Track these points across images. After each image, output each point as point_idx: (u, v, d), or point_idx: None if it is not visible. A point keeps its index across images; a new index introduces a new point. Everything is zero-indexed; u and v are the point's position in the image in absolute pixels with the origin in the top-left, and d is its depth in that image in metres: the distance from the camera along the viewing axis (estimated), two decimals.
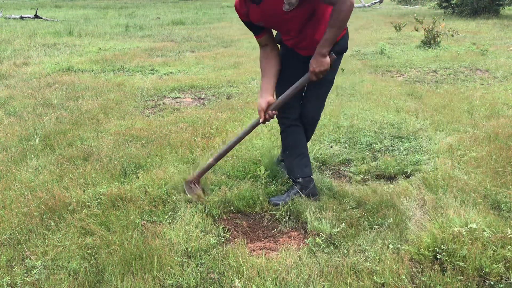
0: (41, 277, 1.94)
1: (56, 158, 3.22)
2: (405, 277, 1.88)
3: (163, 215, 2.42)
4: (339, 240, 2.17)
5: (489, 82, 5.53)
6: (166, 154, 3.25)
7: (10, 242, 2.21)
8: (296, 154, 2.66)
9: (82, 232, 2.28)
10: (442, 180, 2.76)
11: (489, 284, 1.85)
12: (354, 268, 1.96)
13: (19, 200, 2.57)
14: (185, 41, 10.06)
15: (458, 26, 11.11)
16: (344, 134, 3.71)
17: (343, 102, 4.68)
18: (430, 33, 8.31)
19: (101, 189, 2.71)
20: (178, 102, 4.99)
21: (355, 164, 3.15)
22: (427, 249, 2.02)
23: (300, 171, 2.64)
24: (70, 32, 10.88)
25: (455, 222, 2.17)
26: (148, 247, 2.09)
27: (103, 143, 3.50)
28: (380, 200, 2.52)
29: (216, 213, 2.47)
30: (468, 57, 7.19)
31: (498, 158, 3.04)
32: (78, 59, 7.45)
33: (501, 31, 10.60)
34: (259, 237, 2.32)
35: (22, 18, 14.41)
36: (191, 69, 6.85)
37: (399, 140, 3.57)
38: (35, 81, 5.78)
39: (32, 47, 8.67)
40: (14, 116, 4.28)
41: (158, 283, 1.90)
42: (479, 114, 4.12)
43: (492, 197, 2.54)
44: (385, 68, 6.58)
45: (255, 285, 1.86)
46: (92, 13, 17.26)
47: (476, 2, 14.41)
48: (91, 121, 4.14)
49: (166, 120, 4.15)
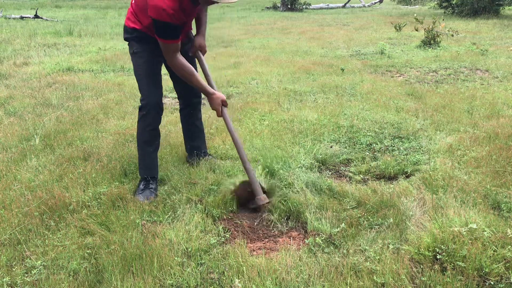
0: (41, 277, 1.94)
1: (56, 158, 3.22)
2: (405, 277, 1.88)
3: (163, 215, 2.42)
4: (339, 240, 2.17)
5: (489, 82, 5.53)
6: (166, 154, 3.25)
7: (10, 242, 2.21)
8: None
9: (82, 232, 2.28)
10: (442, 180, 2.76)
11: (489, 284, 1.85)
12: (354, 268, 1.96)
13: (19, 200, 2.57)
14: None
15: (458, 26, 11.11)
16: (344, 134, 3.71)
17: (343, 102, 4.68)
18: (430, 33, 8.30)
19: (101, 189, 2.71)
20: (178, 102, 4.98)
21: (355, 164, 3.15)
22: (427, 249, 2.02)
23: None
24: (70, 32, 10.88)
25: (455, 222, 2.17)
26: (148, 247, 2.09)
27: (103, 143, 3.50)
28: (380, 200, 2.52)
29: (216, 213, 2.47)
30: (468, 57, 7.18)
31: (498, 158, 3.04)
32: (78, 59, 7.45)
33: (501, 31, 10.60)
34: (259, 237, 2.32)
35: (22, 18, 14.40)
36: None
37: (399, 140, 3.57)
38: (35, 81, 5.78)
39: (32, 47, 8.67)
40: (14, 116, 4.28)
41: (158, 283, 1.90)
42: (479, 114, 4.12)
43: (492, 197, 2.54)
44: (385, 68, 6.58)
45: (255, 285, 1.86)
46: (92, 13, 17.26)
47: (476, 2, 14.40)
48: (91, 121, 4.14)
49: (166, 120, 4.15)
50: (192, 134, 3.11)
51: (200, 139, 3.13)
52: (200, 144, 3.12)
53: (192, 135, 3.11)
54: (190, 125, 3.09)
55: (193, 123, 3.09)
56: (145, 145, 2.75)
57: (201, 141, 3.14)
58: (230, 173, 2.91)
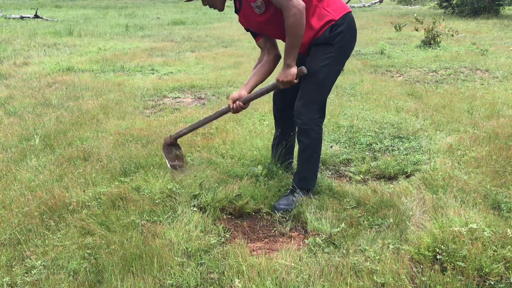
0: (41, 277, 1.94)
1: (56, 158, 3.22)
2: (405, 277, 1.88)
3: (163, 215, 2.42)
4: (339, 240, 2.17)
5: (489, 82, 5.53)
6: None
7: (10, 242, 2.21)
8: (318, 160, 2.64)
9: (82, 232, 2.28)
10: (442, 180, 2.76)
11: (489, 284, 1.85)
12: (354, 268, 1.96)
13: (19, 200, 2.57)
14: (185, 41, 10.06)
15: (458, 26, 11.11)
16: (344, 134, 3.71)
17: (343, 102, 4.68)
18: (430, 33, 8.30)
19: (101, 189, 2.71)
20: (178, 102, 4.99)
21: (355, 164, 3.15)
22: (427, 249, 2.02)
23: (313, 183, 2.65)
24: (70, 32, 10.88)
25: (455, 222, 2.17)
26: (148, 247, 2.09)
27: (103, 143, 3.50)
28: (380, 200, 2.52)
29: (216, 213, 2.47)
30: (468, 57, 7.18)
31: (498, 158, 3.04)
32: (78, 59, 7.45)
33: (501, 31, 10.60)
34: (259, 237, 2.33)
35: (22, 18, 14.40)
36: (191, 69, 6.85)
37: (399, 140, 3.57)
38: (35, 81, 5.78)
39: (32, 47, 8.66)
40: (14, 116, 4.28)
41: (158, 283, 1.90)
42: (479, 114, 4.12)
43: (492, 197, 2.54)
44: (385, 68, 6.58)
45: (255, 285, 1.86)
46: (92, 13, 17.26)
47: (476, 2, 14.40)
48: (91, 121, 4.14)
49: (166, 120, 4.15)
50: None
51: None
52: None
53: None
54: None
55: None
56: (320, 152, 2.65)
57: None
58: (231, 173, 2.91)
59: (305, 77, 2.47)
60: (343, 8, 2.43)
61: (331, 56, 2.43)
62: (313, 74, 2.45)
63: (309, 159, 2.56)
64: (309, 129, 2.50)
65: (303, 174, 2.60)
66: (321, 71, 2.44)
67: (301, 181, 2.59)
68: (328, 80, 2.51)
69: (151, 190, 2.67)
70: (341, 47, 2.44)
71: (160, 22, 14.18)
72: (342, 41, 2.42)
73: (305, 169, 2.59)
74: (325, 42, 2.41)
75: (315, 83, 2.47)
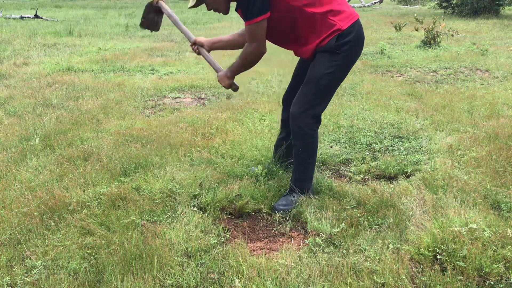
0: (41, 277, 1.94)
1: (56, 158, 3.22)
2: (405, 277, 1.88)
3: (163, 215, 2.42)
4: (339, 240, 2.17)
5: (489, 82, 5.53)
6: (166, 154, 3.25)
7: (10, 242, 2.21)
8: (313, 163, 2.62)
9: (82, 232, 2.28)
10: (442, 180, 2.76)
11: (489, 284, 1.85)
12: (354, 268, 1.96)
13: (19, 200, 2.57)
14: (185, 41, 10.06)
15: (458, 26, 11.10)
16: (344, 134, 3.71)
17: (343, 102, 4.68)
18: (430, 33, 8.30)
19: (101, 189, 2.71)
20: (178, 102, 4.99)
21: (355, 164, 3.15)
22: (427, 249, 2.02)
23: (310, 183, 2.63)
24: (70, 32, 10.87)
25: (455, 222, 2.17)
26: (148, 247, 2.10)
27: (103, 143, 3.50)
28: (380, 200, 2.52)
29: (216, 213, 2.47)
30: (468, 57, 7.18)
31: (498, 158, 3.04)
32: (78, 59, 7.45)
33: (501, 31, 10.60)
34: (259, 237, 2.33)
35: (22, 18, 14.40)
36: (191, 69, 6.84)
37: (399, 140, 3.57)
38: (35, 81, 5.78)
39: (32, 47, 8.66)
40: (14, 116, 4.28)
41: (158, 283, 1.90)
42: (479, 114, 4.12)
43: (492, 197, 2.54)
44: (385, 68, 6.58)
45: (255, 285, 1.86)
46: (92, 13, 17.26)
47: (476, 2, 14.39)
48: (91, 121, 4.14)
49: (166, 120, 4.15)
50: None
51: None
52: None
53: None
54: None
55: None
56: (315, 155, 2.64)
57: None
58: (231, 173, 2.91)
59: (306, 82, 2.47)
60: (351, 17, 2.40)
61: (336, 64, 2.41)
62: (315, 80, 2.44)
63: (304, 162, 2.56)
64: (304, 134, 2.48)
65: (298, 175, 2.60)
66: (324, 78, 2.42)
67: (297, 181, 2.60)
68: (329, 87, 2.49)
69: (151, 190, 2.67)
70: (348, 55, 2.42)
71: None
72: (349, 50, 2.40)
73: (301, 170, 2.59)
74: (331, 51, 2.39)
75: (316, 89, 2.45)
